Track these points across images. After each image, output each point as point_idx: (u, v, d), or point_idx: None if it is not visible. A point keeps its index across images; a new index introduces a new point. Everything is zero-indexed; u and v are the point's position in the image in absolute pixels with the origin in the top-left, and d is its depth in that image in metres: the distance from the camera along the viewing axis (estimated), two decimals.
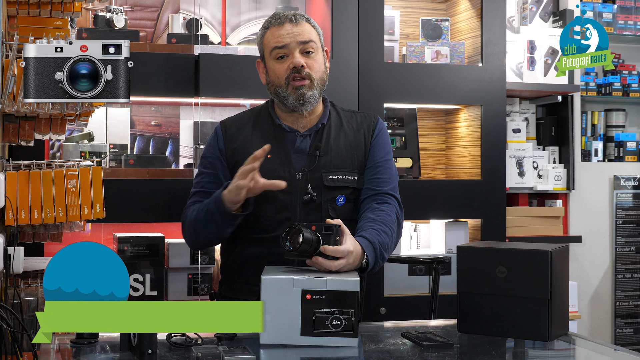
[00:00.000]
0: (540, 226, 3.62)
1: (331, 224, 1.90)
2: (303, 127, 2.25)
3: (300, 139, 2.24)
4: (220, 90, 2.92)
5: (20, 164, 2.18)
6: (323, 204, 2.18)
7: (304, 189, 2.17)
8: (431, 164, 3.62)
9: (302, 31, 2.21)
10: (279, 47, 2.20)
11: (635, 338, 3.95)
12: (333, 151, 2.22)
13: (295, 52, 2.19)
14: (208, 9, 3.32)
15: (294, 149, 2.22)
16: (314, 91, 2.19)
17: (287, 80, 2.19)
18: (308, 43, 2.20)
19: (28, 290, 2.33)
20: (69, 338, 1.72)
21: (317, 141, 2.23)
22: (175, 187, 2.80)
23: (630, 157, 4.05)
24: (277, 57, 2.21)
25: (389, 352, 1.68)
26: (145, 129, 3.23)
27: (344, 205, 2.20)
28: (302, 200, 2.17)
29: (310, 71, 2.19)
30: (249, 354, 1.56)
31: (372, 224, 2.12)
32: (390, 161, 2.30)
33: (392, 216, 2.18)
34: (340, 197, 2.20)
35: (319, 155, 2.21)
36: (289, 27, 2.20)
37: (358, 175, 2.24)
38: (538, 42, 3.62)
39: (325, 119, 2.26)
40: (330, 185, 2.19)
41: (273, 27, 2.23)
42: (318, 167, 2.20)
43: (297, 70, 2.17)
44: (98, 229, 3.05)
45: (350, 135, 2.27)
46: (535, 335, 1.78)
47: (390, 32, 3.42)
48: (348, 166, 2.23)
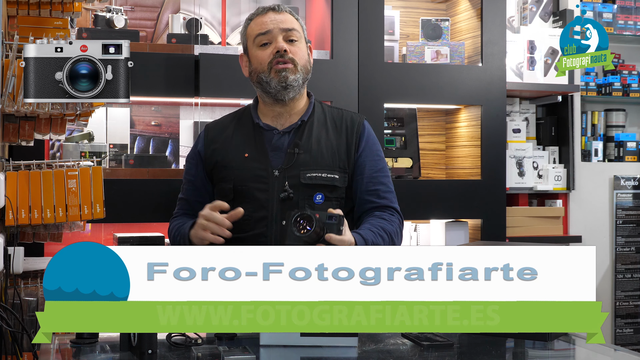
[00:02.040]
0: (540, 226, 3.62)
1: (334, 214, 1.90)
2: (282, 125, 2.24)
3: (278, 136, 2.22)
4: (220, 90, 2.92)
5: (20, 164, 2.18)
6: (300, 202, 2.16)
7: (281, 187, 2.16)
8: (431, 164, 3.62)
9: (285, 19, 2.22)
10: (262, 34, 2.20)
11: (635, 338, 3.95)
12: (313, 149, 2.20)
13: (278, 37, 2.19)
14: (208, 9, 3.32)
15: (271, 146, 2.21)
16: (297, 76, 2.18)
17: (269, 65, 2.18)
18: (291, 31, 2.21)
19: (28, 290, 2.33)
20: (69, 338, 1.72)
21: (297, 138, 2.21)
22: (175, 187, 2.79)
23: (630, 157, 4.05)
24: (261, 45, 2.21)
25: (389, 352, 1.68)
26: (145, 129, 3.23)
27: (322, 203, 2.17)
28: (279, 198, 2.15)
29: (294, 57, 2.19)
30: (249, 354, 1.56)
31: (370, 226, 2.13)
32: (383, 169, 2.27)
33: (393, 226, 2.18)
34: (317, 194, 2.17)
35: (298, 152, 2.19)
36: (272, 15, 2.22)
37: (340, 174, 2.21)
38: (538, 42, 3.62)
39: (306, 115, 2.24)
40: (307, 183, 2.17)
41: (257, 17, 2.24)
42: (296, 165, 2.17)
43: (281, 55, 2.17)
44: (98, 229, 3.05)
45: (332, 133, 2.24)
46: (535, 335, 1.78)
47: (390, 32, 3.42)
48: (328, 164, 2.20)
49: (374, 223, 2.15)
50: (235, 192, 2.19)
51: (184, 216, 2.29)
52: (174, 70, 2.87)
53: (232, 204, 2.13)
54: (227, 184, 2.20)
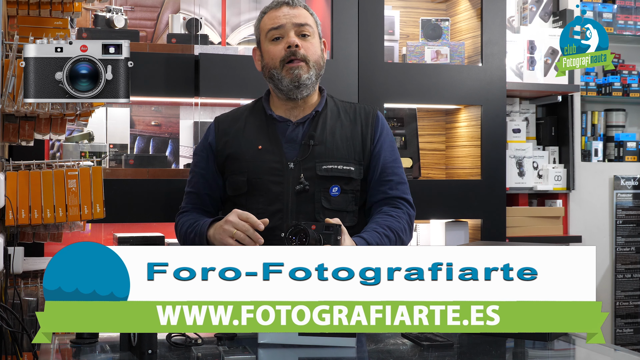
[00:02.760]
0: (540, 226, 3.62)
1: (331, 224, 1.90)
2: (296, 117, 2.23)
3: (292, 127, 2.21)
4: (220, 90, 2.92)
5: (20, 164, 2.18)
6: (316, 195, 2.14)
7: (297, 179, 2.14)
8: (431, 164, 3.62)
9: (299, 14, 2.20)
10: (275, 28, 2.19)
11: (635, 338, 3.95)
12: (328, 141, 2.19)
13: (290, 32, 2.18)
14: (208, 9, 3.32)
15: (285, 138, 2.20)
16: (310, 74, 2.17)
17: (282, 63, 2.17)
18: (304, 26, 2.19)
19: (28, 290, 2.33)
20: (69, 338, 1.72)
21: (312, 130, 2.20)
22: (175, 187, 2.80)
23: (630, 157, 4.05)
24: (273, 39, 2.20)
25: (389, 352, 1.68)
26: (145, 129, 3.23)
27: (338, 195, 2.16)
28: (295, 190, 2.13)
29: (306, 53, 2.17)
30: (249, 354, 1.56)
31: (375, 226, 2.11)
32: (397, 159, 2.27)
33: (400, 223, 2.16)
34: (334, 187, 2.16)
35: (313, 144, 2.17)
36: (285, 9, 2.21)
37: (355, 166, 2.20)
38: (538, 42, 3.62)
39: (320, 106, 2.23)
40: (323, 175, 2.15)
41: (270, 10, 2.23)
42: (312, 157, 2.16)
43: (293, 53, 2.16)
44: (98, 229, 3.05)
45: (346, 125, 2.24)
46: (535, 335, 1.78)
47: (390, 32, 3.42)
48: (344, 156, 2.19)
49: (381, 222, 2.13)
50: (249, 185, 2.17)
51: (194, 211, 2.27)
52: (174, 70, 2.87)
53: (246, 197, 2.13)
54: (240, 177, 2.18)
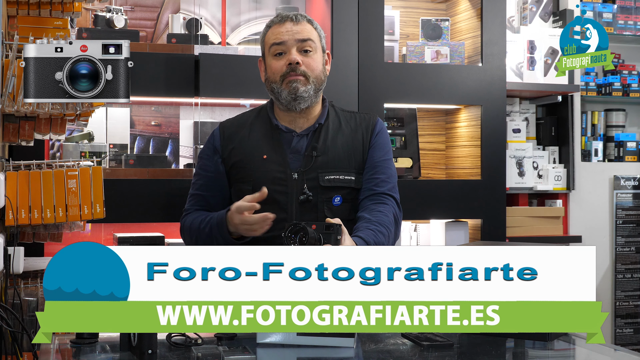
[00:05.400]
0: (540, 226, 3.62)
1: (332, 223, 1.90)
2: (300, 128, 2.26)
3: (297, 139, 2.24)
4: (220, 90, 2.92)
5: (20, 164, 2.18)
6: (319, 204, 2.19)
7: (300, 189, 2.18)
8: (431, 164, 3.62)
9: (302, 30, 2.22)
10: (277, 44, 2.22)
11: (635, 338, 3.95)
12: (330, 151, 2.23)
13: (292, 49, 2.20)
14: (208, 9, 3.32)
15: (290, 149, 2.23)
16: (308, 87, 2.20)
17: (282, 78, 2.20)
18: (306, 41, 2.22)
19: (28, 290, 2.33)
20: (69, 338, 1.72)
21: (314, 141, 2.23)
22: (175, 187, 2.80)
23: (630, 157, 4.05)
24: (275, 54, 2.23)
25: (388, 352, 1.68)
26: (145, 129, 3.23)
27: (340, 205, 2.21)
28: (298, 200, 2.17)
29: (307, 69, 2.20)
30: (249, 354, 1.56)
31: (368, 224, 2.13)
32: (389, 161, 2.30)
33: (389, 217, 2.19)
34: (336, 197, 2.20)
35: (316, 155, 2.21)
36: (289, 25, 2.23)
37: (356, 176, 2.24)
38: (538, 42, 3.62)
39: (322, 119, 2.27)
40: (326, 186, 2.20)
41: (274, 25, 2.26)
42: (314, 167, 2.20)
43: (293, 69, 2.19)
44: (98, 229, 3.05)
45: (348, 135, 2.27)
46: (535, 335, 1.78)
47: (390, 32, 3.42)
48: (345, 166, 2.23)
49: (371, 219, 2.15)
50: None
51: (200, 212, 2.28)
52: (174, 70, 2.87)
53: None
54: (246, 186, 2.21)
